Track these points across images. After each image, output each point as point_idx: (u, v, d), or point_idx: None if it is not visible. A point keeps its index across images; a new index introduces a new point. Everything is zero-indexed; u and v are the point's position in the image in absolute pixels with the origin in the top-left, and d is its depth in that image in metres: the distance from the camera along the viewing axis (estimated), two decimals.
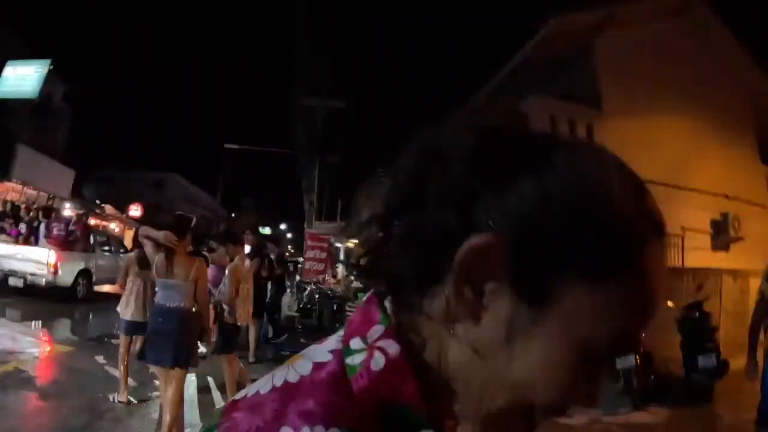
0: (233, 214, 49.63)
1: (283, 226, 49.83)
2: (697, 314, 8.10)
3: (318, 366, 0.52)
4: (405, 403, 0.49)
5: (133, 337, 5.98)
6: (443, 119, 0.66)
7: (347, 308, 9.88)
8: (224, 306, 6.37)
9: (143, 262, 5.73)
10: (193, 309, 4.77)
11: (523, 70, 13.83)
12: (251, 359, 8.61)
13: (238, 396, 0.52)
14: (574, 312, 0.48)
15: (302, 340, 9.88)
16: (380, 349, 0.51)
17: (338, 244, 18.13)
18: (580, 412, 6.39)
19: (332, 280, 14.60)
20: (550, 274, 0.48)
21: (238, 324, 6.64)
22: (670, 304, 8.47)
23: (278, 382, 0.51)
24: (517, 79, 14.09)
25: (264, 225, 46.55)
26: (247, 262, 7.45)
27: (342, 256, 19.10)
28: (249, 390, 0.53)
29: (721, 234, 14.03)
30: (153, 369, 5.24)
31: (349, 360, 0.51)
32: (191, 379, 6.32)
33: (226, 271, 6.52)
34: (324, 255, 13.30)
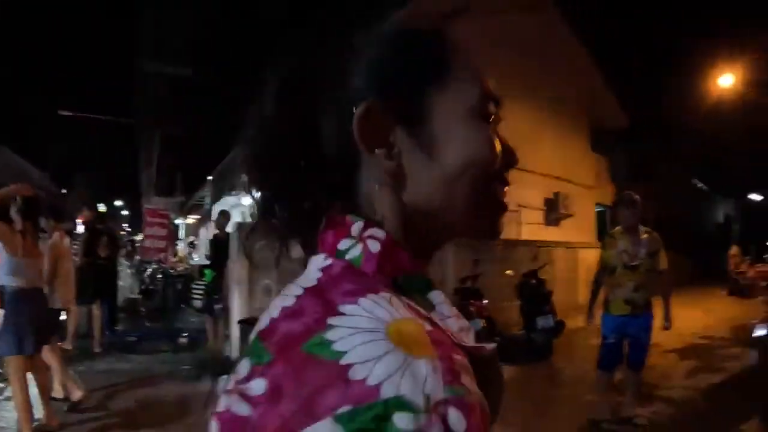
0: (64, 191, 45.12)
1: (118, 203, 46.17)
2: (534, 281, 8.65)
3: (326, 269, 0.56)
4: (409, 271, 0.58)
5: None
6: None
7: (193, 287, 9.23)
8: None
9: None
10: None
11: None
12: (97, 349, 7.57)
13: (262, 324, 0.55)
14: (450, 102, 0.61)
15: (147, 324, 9.22)
16: (370, 237, 0.57)
17: (178, 221, 17.10)
18: None
19: (173, 259, 13.74)
20: (418, 97, 0.60)
21: (58, 308, 5.98)
22: (509, 272, 8.94)
23: (292, 298, 0.54)
24: None
25: (99, 201, 42.84)
26: (67, 239, 6.70)
27: (182, 234, 18.15)
28: (262, 321, 0.56)
29: (553, 211, 15.22)
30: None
31: (348, 256, 0.56)
32: None
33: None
34: (165, 232, 12.36)
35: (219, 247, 7.76)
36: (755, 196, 41.74)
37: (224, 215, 8.12)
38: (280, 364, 0.46)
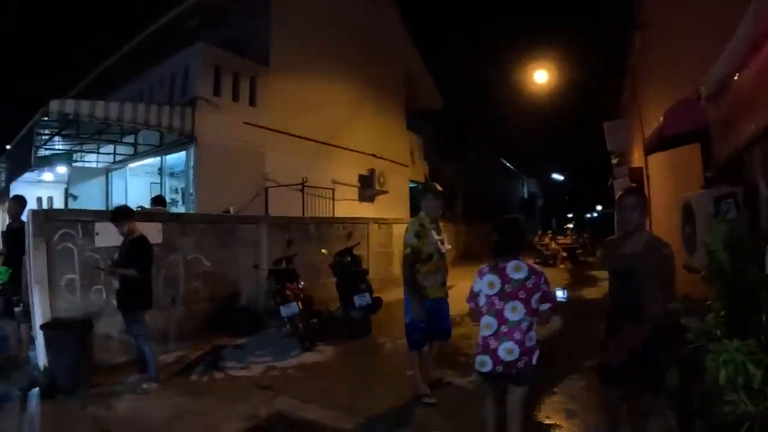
0: None
1: None
2: (349, 258, 8.79)
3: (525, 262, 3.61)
4: None
5: None
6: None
7: None
8: None
9: None
10: None
11: (192, 14, 12.89)
12: None
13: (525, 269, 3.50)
14: None
15: None
16: None
17: None
18: (256, 363, 6.44)
19: None
20: None
21: None
22: (323, 251, 9.08)
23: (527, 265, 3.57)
24: (187, 23, 13.10)
25: None
26: None
27: None
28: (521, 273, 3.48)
29: (368, 187, 15.71)
30: None
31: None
32: None
33: None
34: None
35: (13, 239, 6.75)
36: (556, 176, 47.44)
37: (18, 201, 7.06)
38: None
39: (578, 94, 19.36)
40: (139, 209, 8.48)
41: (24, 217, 6.70)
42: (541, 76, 14.09)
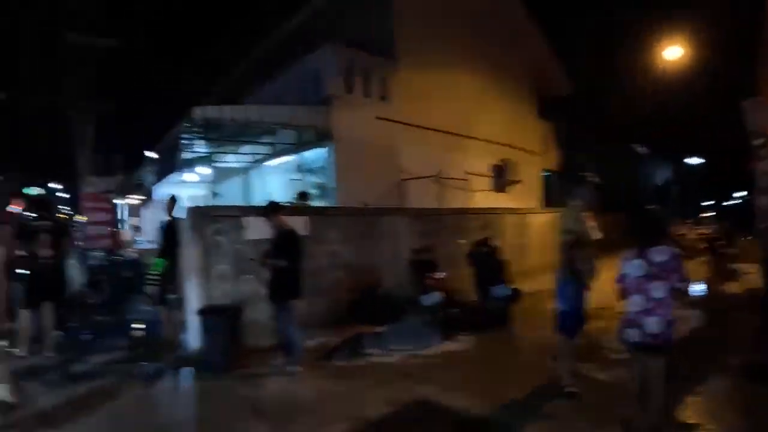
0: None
1: (54, 185, 43.79)
2: (486, 249, 8.65)
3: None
4: None
5: None
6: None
7: (147, 276, 8.64)
8: None
9: None
10: None
11: (316, 16, 13.39)
12: (48, 353, 6.57)
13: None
14: None
15: (98, 318, 8.55)
16: None
17: (118, 201, 16.41)
18: (397, 351, 6.52)
19: (119, 245, 13.04)
20: None
21: None
22: (461, 242, 8.99)
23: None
24: (310, 25, 13.63)
25: (34, 185, 40.39)
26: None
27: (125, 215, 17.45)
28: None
29: (500, 177, 15.39)
30: None
31: None
32: None
33: None
34: (108, 217, 11.81)
35: (169, 233, 7.42)
36: (692, 161, 43.68)
37: (173, 200, 7.78)
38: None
39: (713, 71, 17.67)
40: (287, 204, 8.92)
41: (177, 214, 7.36)
42: (673, 53, 13.05)
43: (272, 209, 6.12)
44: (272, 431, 4.41)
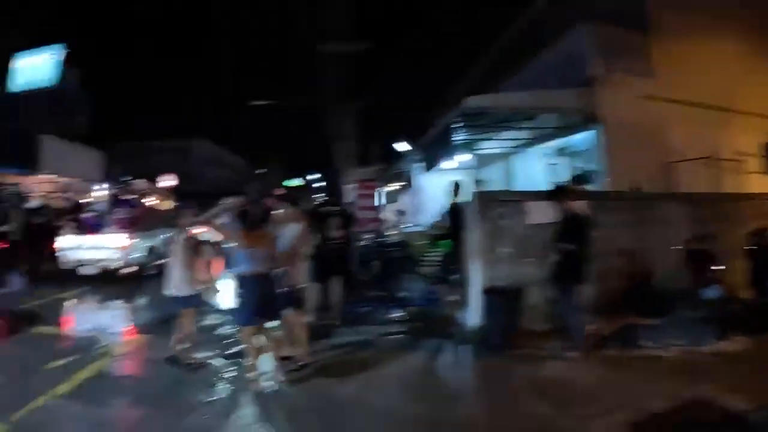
0: (259, 171, 48.75)
1: (312, 176, 48.93)
2: (763, 241, 7.92)
3: None
4: None
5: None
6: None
7: (425, 256, 9.32)
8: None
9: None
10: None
11: None
12: (336, 321, 7.74)
13: None
14: None
15: (371, 294, 9.50)
16: None
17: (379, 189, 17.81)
18: (672, 345, 6.32)
19: (385, 227, 13.98)
20: None
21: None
22: (745, 231, 8.21)
23: None
24: (556, 5, 13.38)
25: (294, 177, 45.77)
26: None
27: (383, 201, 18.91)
28: None
29: None
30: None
31: None
32: None
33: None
34: (374, 202, 12.94)
35: (454, 217, 8.00)
36: None
37: (457, 186, 8.39)
38: None
39: None
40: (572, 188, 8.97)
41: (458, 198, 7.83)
42: None
43: (560, 193, 6.26)
44: (556, 412, 4.61)
